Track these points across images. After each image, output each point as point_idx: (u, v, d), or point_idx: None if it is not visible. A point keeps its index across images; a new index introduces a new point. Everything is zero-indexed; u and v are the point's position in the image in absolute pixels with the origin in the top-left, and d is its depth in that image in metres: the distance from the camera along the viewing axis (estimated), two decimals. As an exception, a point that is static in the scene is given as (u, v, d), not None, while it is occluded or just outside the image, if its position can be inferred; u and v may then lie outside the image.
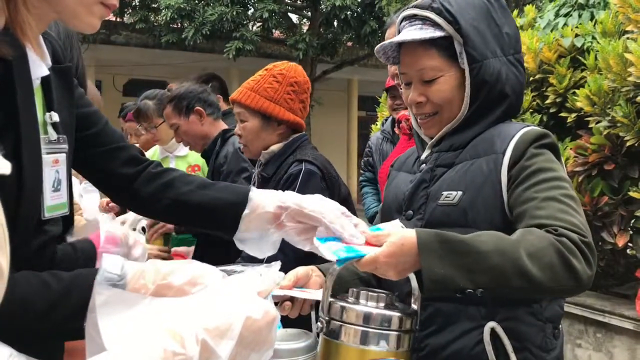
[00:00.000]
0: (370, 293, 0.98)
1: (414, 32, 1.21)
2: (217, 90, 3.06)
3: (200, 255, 2.32)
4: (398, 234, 0.97)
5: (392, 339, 0.94)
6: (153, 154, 2.99)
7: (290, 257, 1.75)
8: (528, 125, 1.21)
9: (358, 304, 0.96)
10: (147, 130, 2.83)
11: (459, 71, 1.21)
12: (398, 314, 0.95)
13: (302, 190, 1.82)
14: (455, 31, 1.19)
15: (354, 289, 0.99)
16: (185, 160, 2.87)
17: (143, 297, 0.76)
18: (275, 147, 1.95)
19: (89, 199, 2.71)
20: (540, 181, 1.09)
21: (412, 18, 1.23)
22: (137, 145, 3.27)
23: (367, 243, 1.00)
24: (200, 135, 2.46)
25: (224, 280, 0.81)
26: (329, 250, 0.95)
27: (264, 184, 1.96)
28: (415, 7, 1.23)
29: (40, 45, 0.87)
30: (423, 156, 1.28)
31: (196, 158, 2.82)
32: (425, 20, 1.21)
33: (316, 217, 1.05)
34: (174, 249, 2.42)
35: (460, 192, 1.14)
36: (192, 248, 2.42)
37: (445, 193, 1.16)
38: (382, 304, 0.96)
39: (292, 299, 1.14)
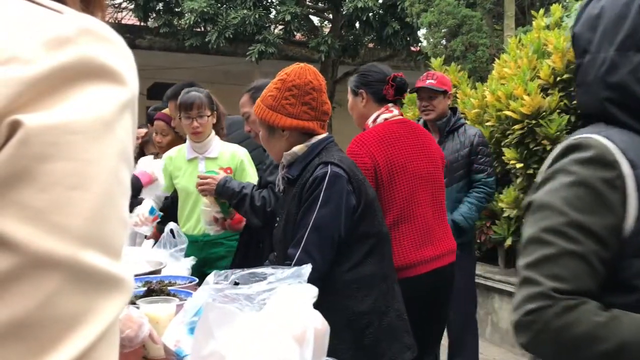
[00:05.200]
0: None
1: None
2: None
3: (242, 256, 2.54)
4: None
5: None
6: (177, 154, 2.97)
7: (318, 260, 1.75)
8: None
9: None
10: (193, 119, 2.80)
11: None
12: None
13: (329, 193, 1.81)
14: None
15: None
16: (216, 162, 2.85)
17: (239, 311, 0.82)
18: (297, 149, 1.93)
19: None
20: None
21: None
22: (160, 144, 3.30)
23: None
24: None
25: (280, 293, 0.88)
26: None
27: (289, 186, 1.96)
28: None
29: None
30: None
31: (228, 161, 2.81)
32: None
33: None
34: None
35: None
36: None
37: None
38: None
39: None
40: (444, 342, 3.50)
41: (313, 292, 0.88)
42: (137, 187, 2.21)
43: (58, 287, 0.38)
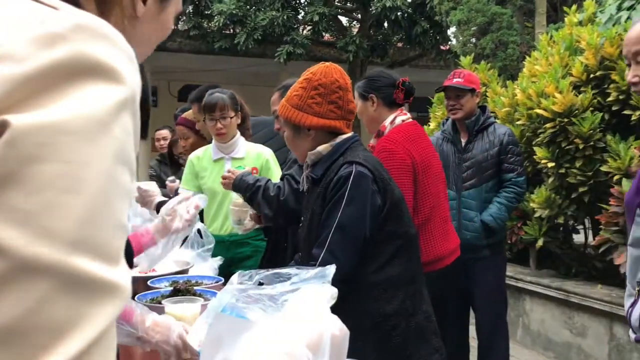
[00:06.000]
0: None
1: None
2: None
3: (269, 257, 2.57)
4: None
5: None
6: (203, 155, 2.99)
7: (342, 261, 1.73)
8: None
9: None
10: (217, 121, 2.82)
11: None
12: None
13: (353, 193, 1.80)
14: None
15: None
16: (242, 162, 2.87)
17: (252, 322, 0.78)
18: (321, 148, 1.91)
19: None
20: None
21: None
22: (185, 147, 3.36)
23: None
24: None
25: (298, 296, 0.84)
26: None
27: (313, 185, 1.95)
28: None
29: None
30: None
31: (254, 161, 2.84)
32: None
33: None
34: None
35: None
36: None
37: None
38: None
39: None
40: (474, 343, 3.45)
41: (332, 293, 0.85)
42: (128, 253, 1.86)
43: (47, 293, 0.37)
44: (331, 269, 1.24)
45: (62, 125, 0.38)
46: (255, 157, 2.87)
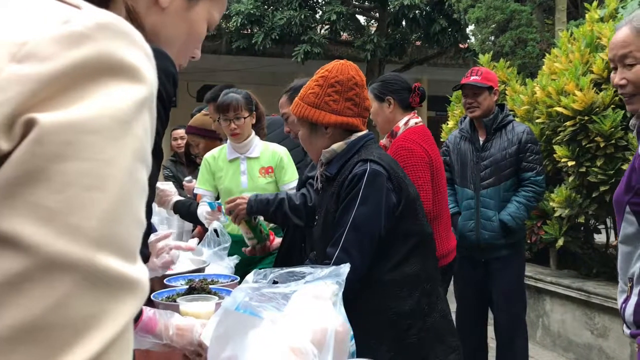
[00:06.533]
0: None
1: None
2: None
3: (282, 258, 2.57)
4: None
5: None
6: (218, 154, 3.00)
7: (357, 259, 1.73)
8: None
9: None
10: (231, 121, 2.84)
11: None
12: None
13: (368, 191, 1.79)
14: None
15: None
16: (258, 162, 2.88)
17: (260, 319, 0.79)
18: (336, 146, 1.90)
19: None
20: None
21: None
22: (198, 153, 3.41)
23: None
24: None
25: (302, 293, 0.84)
26: None
27: (327, 183, 1.94)
28: None
29: None
30: None
31: (269, 160, 2.84)
32: None
33: None
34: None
35: None
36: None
37: None
38: None
39: None
40: (492, 344, 3.42)
41: (334, 289, 0.85)
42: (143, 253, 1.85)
43: (71, 290, 0.38)
44: (345, 268, 1.24)
45: (87, 124, 0.39)
46: (270, 155, 2.88)
